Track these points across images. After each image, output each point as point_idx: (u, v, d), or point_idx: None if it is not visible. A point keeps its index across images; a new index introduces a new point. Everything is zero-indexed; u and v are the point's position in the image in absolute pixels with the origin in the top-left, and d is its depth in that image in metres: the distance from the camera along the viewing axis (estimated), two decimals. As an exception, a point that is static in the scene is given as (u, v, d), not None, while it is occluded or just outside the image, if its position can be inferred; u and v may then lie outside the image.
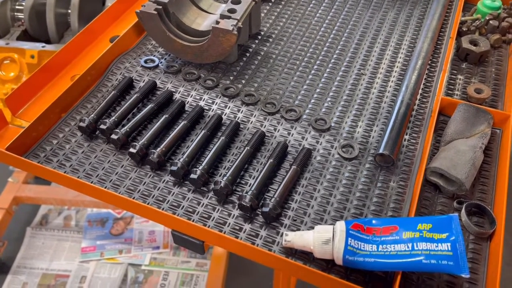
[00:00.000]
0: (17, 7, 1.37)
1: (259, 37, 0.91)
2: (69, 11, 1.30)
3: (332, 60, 0.86)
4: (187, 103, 0.78)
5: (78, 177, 0.67)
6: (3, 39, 1.30)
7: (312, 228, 0.58)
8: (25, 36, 1.36)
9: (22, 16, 1.35)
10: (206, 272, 1.67)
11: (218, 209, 0.64)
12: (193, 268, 1.70)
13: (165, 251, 1.75)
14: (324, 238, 0.55)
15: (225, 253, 1.65)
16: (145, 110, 0.74)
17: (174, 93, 0.79)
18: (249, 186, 0.66)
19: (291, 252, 0.59)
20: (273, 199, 0.61)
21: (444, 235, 0.53)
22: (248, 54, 0.87)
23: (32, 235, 1.76)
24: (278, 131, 0.73)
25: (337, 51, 0.88)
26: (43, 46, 1.25)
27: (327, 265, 0.58)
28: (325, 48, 0.89)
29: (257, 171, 0.68)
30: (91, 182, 0.66)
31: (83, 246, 1.74)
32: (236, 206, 0.64)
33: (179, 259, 1.72)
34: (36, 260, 1.69)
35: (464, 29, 0.90)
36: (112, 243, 1.77)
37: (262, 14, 0.97)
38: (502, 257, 0.56)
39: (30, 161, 0.67)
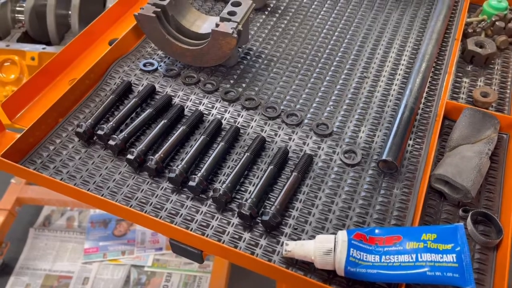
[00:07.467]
0: (17, 8, 1.36)
1: (260, 39, 0.90)
2: (70, 12, 1.29)
3: (334, 63, 0.85)
4: (186, 108, 0.77)
5: (75, 184, 0.66)
6: (3, 41, 1.29)
7: (313, 237, 0.57)
8: (26, 37, 1.35)
9: (23, 18, 1.34)
10: (209, 274, 1.66)
11: (217, 217, 0.62)
12: (196, 269, 1.69)
13: (168, 253, 1.74)
14: (325, 248, 0.54)
15: (228, 255, 1.63)
16: (143, 115, 0.73)
17: (173, 97, 0.78)
18: (249, 193, 0.64)
19: (292, 262, 0.57)
20: (273, 207, 0.60)
21: (449, 246, 0.51)
22: (248, 57, 0.86)
23: (35, 236, 1.76)
24: (279, 136, 0.72)
25: (339, 54, 0.86)
26: (43, 48, 1.25)
27: (329, 276, 0.56)
28: (327, 51, 0.87)
29: (257, 177, 0.67)
30: (88, 189, 0.65)
31: (86, 247, 1.74)
32: (236, 214, 0.62)
33: (182, 260, 1.71)
34: (39, 261, 1.69)
35: (470, 30, 0.88)
36: (115, 244, 1.76)
37: (263, 16, 0.95)
38: (509, 267, 0.54)
39: (26, 168, 0.66)
